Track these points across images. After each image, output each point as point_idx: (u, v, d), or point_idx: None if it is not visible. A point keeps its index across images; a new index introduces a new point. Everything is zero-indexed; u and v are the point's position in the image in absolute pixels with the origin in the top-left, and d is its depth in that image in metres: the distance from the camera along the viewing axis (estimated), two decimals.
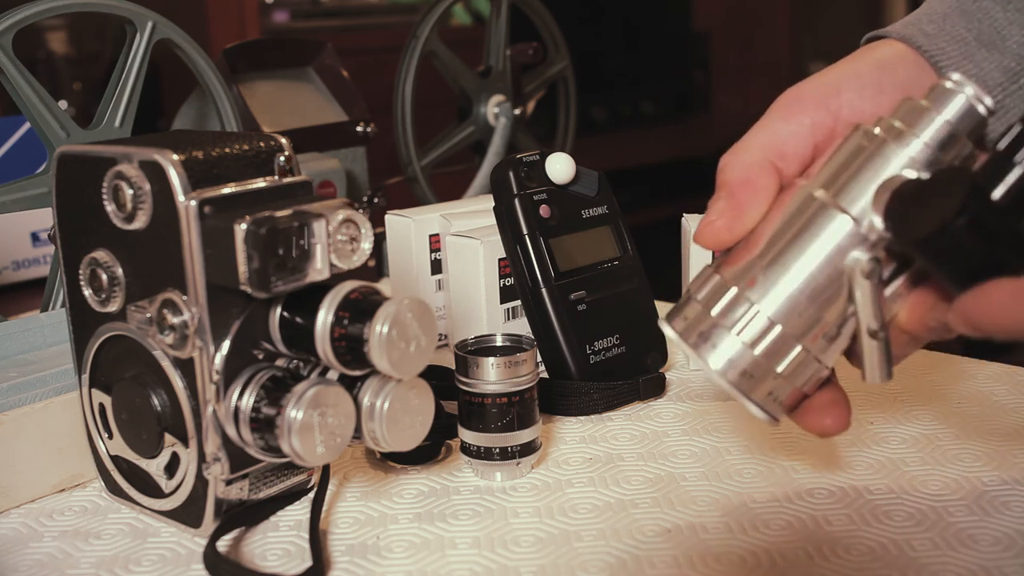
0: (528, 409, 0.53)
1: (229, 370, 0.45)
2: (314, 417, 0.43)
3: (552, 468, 0.55)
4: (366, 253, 0.46)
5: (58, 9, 0.62)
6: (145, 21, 0.65)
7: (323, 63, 0.97)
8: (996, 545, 0.45)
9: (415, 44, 0.92)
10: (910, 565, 0.44)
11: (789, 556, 0.45)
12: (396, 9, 2.50)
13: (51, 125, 0.61)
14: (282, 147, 0.48)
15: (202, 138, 0.47)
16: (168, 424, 0.47)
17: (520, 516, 0.50)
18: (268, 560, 0.47)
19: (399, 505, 0.52)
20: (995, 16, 0.48)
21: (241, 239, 0.42)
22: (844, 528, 0.47)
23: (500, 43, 0.96)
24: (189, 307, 0.45)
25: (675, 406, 0.63)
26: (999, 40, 0.48)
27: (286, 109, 0.92)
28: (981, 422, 0.58)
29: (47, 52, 1.98)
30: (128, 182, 0.45)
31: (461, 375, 0.53)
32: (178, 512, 0.49)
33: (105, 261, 0.47)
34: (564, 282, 0.64)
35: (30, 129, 1.00)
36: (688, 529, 0.48)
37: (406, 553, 0.47)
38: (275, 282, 0.43)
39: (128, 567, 0.47)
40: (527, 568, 0.45)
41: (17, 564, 0.47)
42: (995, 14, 0.48)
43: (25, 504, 0.53)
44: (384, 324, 0.43)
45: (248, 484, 0.48)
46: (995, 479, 0.51)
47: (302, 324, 0.45)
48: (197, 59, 0.69)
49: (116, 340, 0.49)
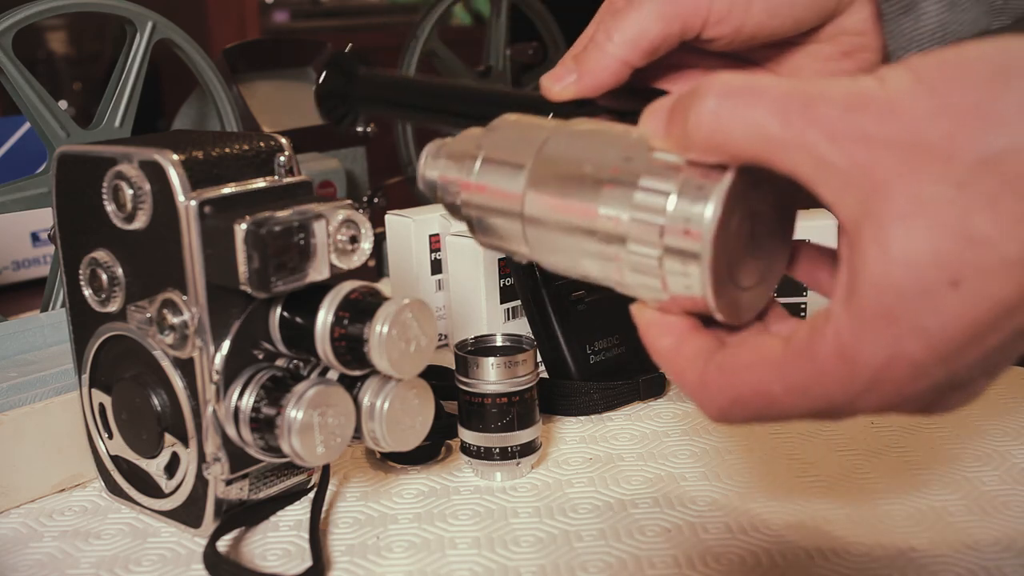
0: (528, 409, 0.53)
1: (229, 370, 0.45)
2: (314, 417, 0.43)
3: (552, 468, 0.55)
4: (366, 253, 0.46)
5: (58, 9, 0.62)
6: (145, 21, 0.65)
7: (323, 63, 0.97)
8: (996, 545, 0.45)
9: (415, 44, 0.92)
10: (910, 565, 0.44)
11: (789, 556, 0.45)
12: (396, 9, 2.50)
13: (51, 125, 0.61)
14: (282, 147, 0.48)
15: (202, 138, 0.47)
16: (168, 424, 0.47)
17: (520, 516, 0.50)
18: (268, 560, 0.47)
19: (399, 505, 0.52)
20: None
21: (241, 239, 0.42)
22: (844, 528, 0.47)
23: (500, 43, 0.96)
24: (189, 307, 0.45)
25: (675, 406, 0.63)
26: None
27: (286, 109, 0.92)
28: (981, 422, 0.58)
29: (47, 52, 1.98)
30: (128, 182, 0.45)
31: (461, 375, 0.53)
32: (178, 512, 0.49)
33: (105, 261, 0.47)
34: (564, 282, 0.64)
35: (30, 129, 1.00)
36: (688, 529, 0.48)
37: (406, 553, 0.47)
38: (275, 282, 0.43)
39: (128, 567, 0.47)
40: (527, 568, 0.45)
41: (17, 564, 0.47)
42: None
43: (25, 504, 0.53)
44: (384, 324, 0.43)
45: (248, 484, 0.48)
46: (995, 479, 0.51)
47: (302, 324, 0.45)
48: (197, 59, 0.69)
49: (116, 340, 0.49)
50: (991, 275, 0.29)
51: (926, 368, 0.32)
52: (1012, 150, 0.28)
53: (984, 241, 0.29)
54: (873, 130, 0.30)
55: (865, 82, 0.31)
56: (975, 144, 0.29)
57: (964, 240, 0.29)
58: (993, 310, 0.30)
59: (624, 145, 0.37)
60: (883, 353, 0.32)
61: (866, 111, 0.30)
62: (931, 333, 0.31)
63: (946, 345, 0.31)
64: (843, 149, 0.30)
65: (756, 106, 0.32)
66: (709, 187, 0.34)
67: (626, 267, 0.37)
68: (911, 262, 0.30)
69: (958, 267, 0.29)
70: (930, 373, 0.32)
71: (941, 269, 0.30)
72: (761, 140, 0.32)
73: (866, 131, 0.30)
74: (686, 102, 0.34)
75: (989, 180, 0.29)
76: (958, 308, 0.30)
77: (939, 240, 0.29)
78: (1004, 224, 0.29)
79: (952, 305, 0.30)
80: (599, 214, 0.37)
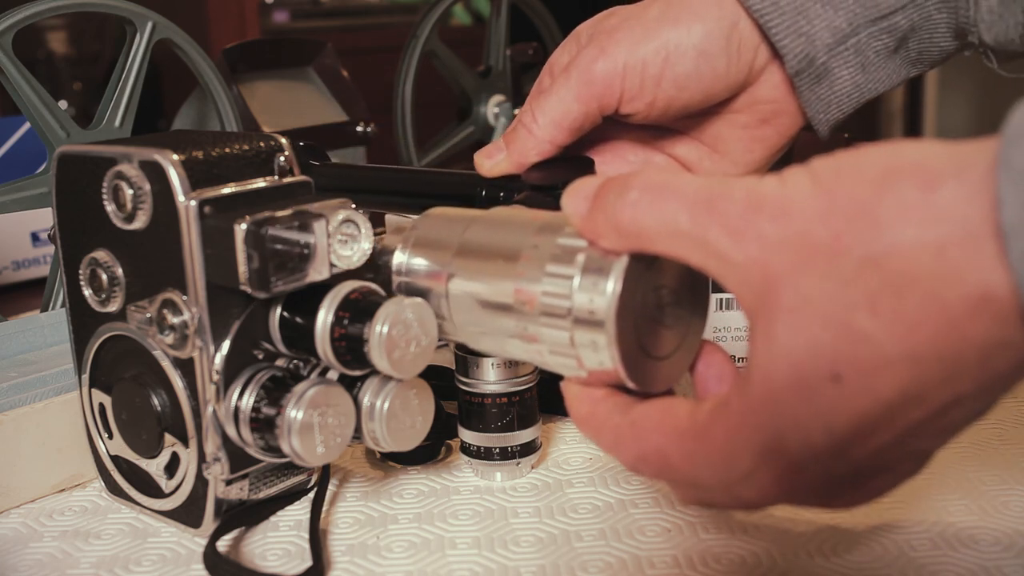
0: (528, 409, 0.53)
1: (229, 370, 0.45)
2: (314, 417, 0.43)
3: (552, 468, 0.55)
4: (366, 253, 0.46)
5: (58, 9, 0.62)
6: (145, 21, 0.65)
7: (323, 63, 0.97)
8: (996, 545, 0.45)
9: (415, 44, 0.92)
10: (910, 565, 0.44)
11: (789, 556, 0.45)
12: (396, 9, 2.50)
13: (51, 125, 0.61)
14: (282, 147, 0.48)
15: (202, 138, 0.47)
16: (168, 424, 0.47)
17: (520, 516, 0.50)
18: (268, 560, 0.47)
19: (399, 505, 0.52)
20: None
21: (241, 239, 0.42)
22: (844, 528, 0.47)
23: (500, 43, 0.96)
24: (189, 307, 0.45)
25: None
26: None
27: (286, 109, 0.92)
28: (981, 422, 0.58)
29: (47, 52, 1.98)
30: (128, 182, 0.45)
31: (461, 375, 0.53)
32: (178, 512, 0.49)
33: (105, 261, 0.47)
34: None
35: (30, 129, 1.00)
36: (688, 529, 0.48)
37: (406, 553, 0.47)
38: (275, 282, 0.43)
39: (128, 567, 0.47)
40: (527, 568, 0.45)
41: (17, 564, 0.47)
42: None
43: (25, 504, 0.53)
44: (384, 324, 0.43)
45: (248, 484, 0.48)
46: (995, 479, 0.51)
47: (302, 324, 0.45)
48: (197, 59, 0.69)
49: (116, 340, 0.49)
50: (872, 372, 0.29)
51: (804, 463, 0.32)
52: (892, 249, 0.29)
53: (865, 338, 0.29)
54: (767, 229, 0.31)
55: (767, 183, 0.32)
56: (859, 244, 0.29)
57: (845, 336, 0.30)
58: (877, 407, 0.30)
59: (534, 231, 0.40)
60: (761, 443, 0.32)
61: (762, 211, 0.31)
62: (809, 428, 0.31)
63: (826, 440, 0.31)
64: (740, 245, 0.32)
65: (670, 201, 0.33)
66: (608, 266, 0.36)
67: (545, 348, 0.39)
68: (792, 355, 0.31)
69: (839, 362, 0.30)
70: (809, 468, 0.32)
71: (821, 363, 0.30)
72: (671, 233, 0.33)
73: (761, 229, 0.31)
74: (610, 190, 0.35)
75: (871, 278, 0.29)
76: (839, 403, 0.30)
77: (821, 335, 0.30)
78: (884, 322, 0.29)
79: (832, 400, 0.30)
80: (515, 296, 0.39)
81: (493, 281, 0.41)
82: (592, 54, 0.52)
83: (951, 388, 0.30)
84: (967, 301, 0.28)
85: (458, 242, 0.43)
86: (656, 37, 0.51)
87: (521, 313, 0.39)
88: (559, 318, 0.38)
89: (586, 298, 0.36)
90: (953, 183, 0.28)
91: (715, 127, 0.56)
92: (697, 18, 0.51)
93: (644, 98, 0.52)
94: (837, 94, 0.53)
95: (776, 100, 0.54)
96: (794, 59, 0.51)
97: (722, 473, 0.34)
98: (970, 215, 0.28)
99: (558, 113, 0.52)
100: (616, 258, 0.36)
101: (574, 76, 0.52)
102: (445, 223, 0.45)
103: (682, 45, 0.51)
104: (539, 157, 0.54)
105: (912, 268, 0.28)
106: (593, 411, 0.38)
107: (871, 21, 0.51)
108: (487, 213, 0.44)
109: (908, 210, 0.29)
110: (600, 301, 0.36)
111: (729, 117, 0.55)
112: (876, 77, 0.53)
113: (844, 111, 0.54)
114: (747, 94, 0.54)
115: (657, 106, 0.52)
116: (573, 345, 0.37)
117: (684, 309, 0.39)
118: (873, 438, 0.31)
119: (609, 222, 0.35)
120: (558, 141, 0.53)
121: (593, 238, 0.37)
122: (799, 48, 0.51)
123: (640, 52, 0.51)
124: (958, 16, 0.51)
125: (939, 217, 0.28)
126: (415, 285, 0.45)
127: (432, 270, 0.44)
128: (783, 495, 0.34)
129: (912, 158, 0.29)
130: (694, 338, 0.40)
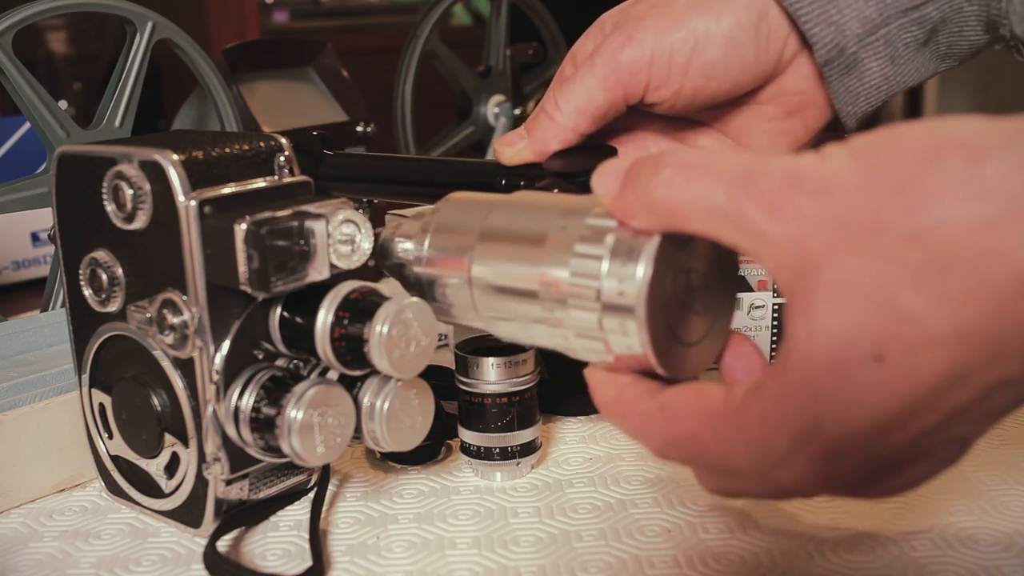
0: (528, 409, 0.53)
1: (229, 370, 0.45)
2: (314, 417, 0.43)
3: (552, 468, 0.55)
4: (366, 253, 0.46)
5: (58, 9, 0.62)
6: (145, 21, 0.65)
7: (323, 63, 0.97)
8: (996, 545, 0.45)
9: (415, 44, 0.92)
10: (910, 565, 0.44)
11: (789, 556, 0.45)
12: (396, 9, 2.50)
13: (51, 125, 0.61)
14: (282, 147, 0.48)
15: (202, 138, 0.47)
16: (168, 424, 0.47)
17: (520, 516, 0.50)
18: (268, 560, 0.47)
19: (399, 505, 0.52)
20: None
21: (241, 239, 0.42)
22: (845, 528, 0.47)
23: (500, 43, 0.96)
24: (189, 307, 0.45)
25: None
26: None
27: (286, 109, 0.92)
28: None
29: (47, 52, 1.98)
30: (128, 182, 0.45)
31: (461, 375, 0.53)
32: (178, 512, 0.49)
33: (105, 261, 0.47)
34: None
35: (30, 129, 1.00)
36: (688, 529, 0.48)
37: (406, 553, 0.47)
38: (275, 282, 0.43)
39: (128, 567, 0.47)
40: (527, 568, 0.45)
41: (17, 564, 0.47)
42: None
43: (25, 504, 0.53)
44: (384, 324, 0.43)
45: (248, 484, 0.48)
46: (995, 479, 0.51)
47: (302, 324, 0.45)
48: (197, 59, 0.69)
49: (116, 340, 0.49)
50: (917, 351, 0.29)
51: (842, 447, 0.31)
52: (937, 224, 0.28)
53: (908, 316, 0.28)
54: (807, 205, 0.30)
55: (806, 159, 0.31)
56: (903, 219, 0.29)
57: (889, 315, 0.29)
58: (920, 388, 0.29)
59: (560, 213, 0.39)
60: (799, 426, 0.31)
61: (801, 187, 0.31)
62: (849, 410, 0.30)
63: (866, 424, 0.30)
64: (778, 222, 0.31)
65: (705, 179, 0.33)
66: (639, 247, 0.35)
67: (571, 333, 0.38)
68: (832, 335, 0.30)
69: (881, 341, 0.29)
70: (847, 453, 0.31)
71: (862, 343, 0.29)
72: (707, 210, 0.32)
73: (800, 206, 0.30)
74: (642, 168, 0.35)
75: (915, 254, 0.28)
76: (881, 384, 0.29)
77: (863, 314, 0.29)
78: (929, 299, 0.28)
79: (875, 381, 0.29)
80: (540, 279, 0.38)
81: (518, 265, 0.39)
82: (619, 41, 0.51)
83: (996, 370, 0.29)
84: (1016, 278, 0.27)
85: (481, 227, 0.42)
86: (684, 25, 0.50)
87: (547, 297, 0.38)
88: (587, 300, 0.36)
89: (615, 280, 0.35)
90: (1000, 157, 0.27)
91: (740, 119, 0.55)
92: (726, 6, 0.50)
93: (671, 87, 0.51)
94: (866, 86, 0.52)
95: (804, 91, 0.53)
96: (824, 48, 0.50)
97: (757, 458, 0.33)
98: (1018, 189, 0.27)
99: (582, 100, 0.52)
100: (647, 239, 0.35)
101: (599, 63, 0.51)
102: (467, 207, 0.43)
103: (711, 33, 0.50)
104: (561, 145, 0.53)
105: (958, 244, 0.28)
106: (620, 396, 0.37)
107: (902, 12, 0.50)
108: (510, 197, 0.43)
109: (955, 184, 0.28)
110: (630, 283, 0.35)
111: (755, 109, 0.55)
112: (905, 70, 0.52)
113: (872, 104, 0.53)
114: (774, 85, 0.53)
115: (684, 95, 0.52)
116: (601, 328, 0.36)
117: (714, 295, 0.38)
118: (914, 422, 0.30)
119: (641, 200, 0.34)
120: (581, 129, 0.52)
121: (624, 218, 0.35)
122: (829, 37, 0.50)
123: (668, 40, 0.50)
124: (989, 8, 0.51)
125: (986, 191, 0.27)
126: (435, 271, 0.43)
127: (454, 255, 0.42)
128: (818, 482, 0.33)
129: (956, 133, 0.29)
130: (723, 326, 0.39)
